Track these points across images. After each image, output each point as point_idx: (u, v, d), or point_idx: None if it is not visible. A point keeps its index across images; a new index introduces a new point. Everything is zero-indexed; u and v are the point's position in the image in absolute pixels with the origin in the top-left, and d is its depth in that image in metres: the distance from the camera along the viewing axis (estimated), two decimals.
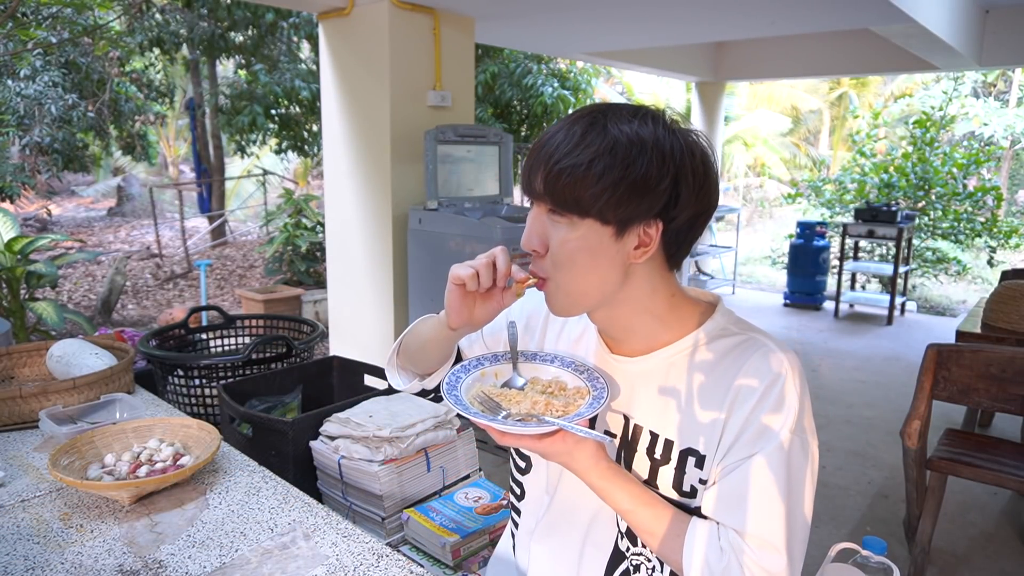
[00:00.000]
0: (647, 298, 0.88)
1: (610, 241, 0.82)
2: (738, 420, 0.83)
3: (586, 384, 0.92)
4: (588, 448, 0.84)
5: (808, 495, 0.84)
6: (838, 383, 4.68)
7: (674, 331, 0.90)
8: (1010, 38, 5.43)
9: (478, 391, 0.91)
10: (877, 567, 0.97)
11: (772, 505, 0.81)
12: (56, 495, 1.22)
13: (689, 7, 3.97)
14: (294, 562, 1.02)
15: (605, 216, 0.80)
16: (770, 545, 0.80)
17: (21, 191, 5.46)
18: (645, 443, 0.91)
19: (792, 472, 0.82)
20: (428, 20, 3.46)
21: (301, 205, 6.96)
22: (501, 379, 0.94)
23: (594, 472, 0.85)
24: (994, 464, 2.36)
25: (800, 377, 0.85)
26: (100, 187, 14.34)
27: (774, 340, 0.88)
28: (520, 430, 0.82)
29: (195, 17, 6.81)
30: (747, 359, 0.85)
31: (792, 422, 0.82)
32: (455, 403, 0.85)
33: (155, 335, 2.28)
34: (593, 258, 0.83)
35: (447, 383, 0.89)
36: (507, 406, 0.88)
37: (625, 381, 0.93)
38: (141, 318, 6.34)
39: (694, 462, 0.86)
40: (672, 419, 0.88)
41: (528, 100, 6.95)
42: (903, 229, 6.09)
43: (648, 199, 0.80)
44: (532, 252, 0.86)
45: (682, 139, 0.82)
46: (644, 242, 0.83)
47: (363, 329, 3.75)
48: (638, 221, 0.82)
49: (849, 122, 13.48)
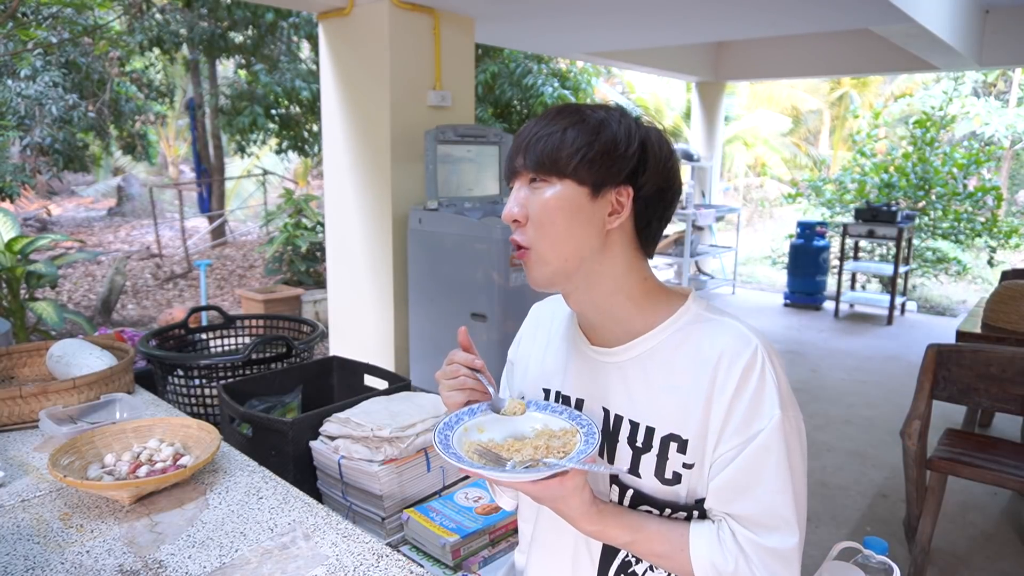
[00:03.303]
0: (621, 276, 0.91)
1: (587, 201, 0.87)
2: (722, 405, 0.85)
3: (570, 423, 0.92)
4: (583, 495, 0.86)
5: (804, 467, 0.87)
6: (838, 383, 4.68)
7: (649, 318, 0.92)
8: (1010, 38, 5.44)
9: (470, 445, 0.91)
10: (878, 567, 0.97)
11: (778, 485, 0.83)
12: (56, 495, 1.21)
13: (689, 7, 3.96)
14: (294, 562, 1.02)
15: (581, 176, 0.86)
16: (783, 523, 0.83)
17: (21, 191, 5.45)
18: (626, 432, 0.92)
19: (789, 448, 0.84)
20: (428, 20, 3.46)
21: (301, 205, 6.96)
22: (485, 433, 0.95)
23: (586, 519, 0.87)
24: (994, 464, 2.36)
25: (775, 356, 0.88)
26: (100, 187, 14.33)
27: (747, 324, 0.90)
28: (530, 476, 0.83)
29: (195, 17, 6.81)
30: (723, 343, 0.87)
31: (779, 399, 0.84)
32: (457, 461, 0.85)
33: (155, 335, 2.27)
34: (571, 218, 0.87)
35: (440, 443, 0.88)
36: (508, 455, 0.89)
37: (603, 372, 0.95)
38: (141, 318, 6.34)
39: (676, 447, 0.88)
40: (652, 406, 0.90)
41: (528, 100, 6.94)
42: (903, 229, 6.09)
43: (618, 163, 0.87)
44: (513, 223, 0.91)
45: (645, 126, 0.91)
46: (616, 209, 0.88)
47: (363, 329, 3.75)
48: (611, 184, 0.87)
49: (849, 122, 13.48)
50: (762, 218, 13.31)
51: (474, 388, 0.96)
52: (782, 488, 0.83)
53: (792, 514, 0.83)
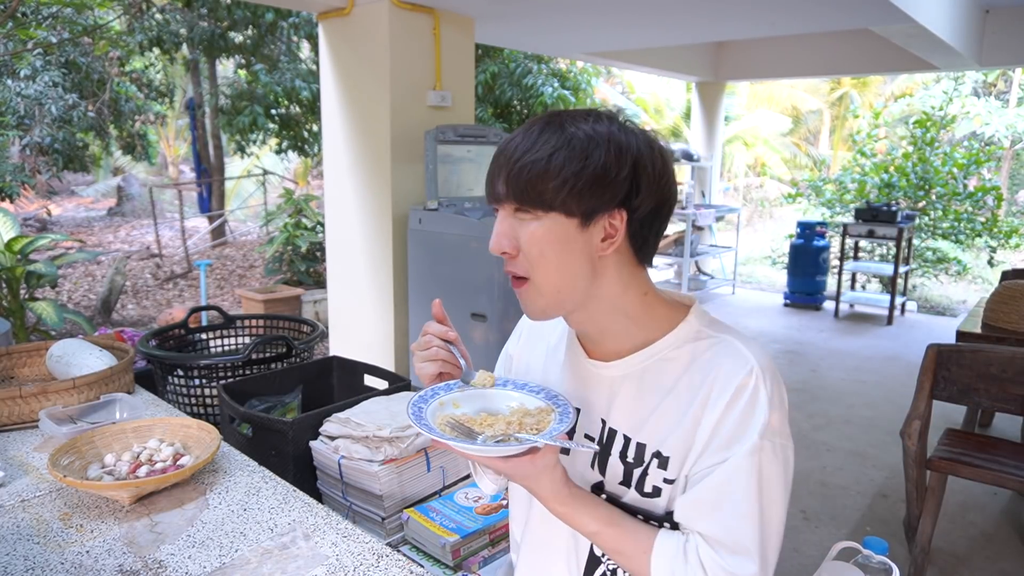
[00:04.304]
0: (619, 296, 0.88)
1: (576, 232, 0.83)
2: (709, 424, 0.83)
3: (546, 402, 0.92)
4: (554, 474, 0.84)
5: (782, 499, 0.84)
6: (838, 383, 4.68)
7: (648, 333, 0.90)
8: (1010, 38, 5.44)
9: (443, 418, 0.90)
10: (878, 567, 0.97)
11: (745, 510, 0.81)
12: (56, 495, 1.21)
13: (689, 7, 3.97)
14: (294, 562, 1.02)
15: (569, 208, 0.82)
16: (743, 549, 0.81)
17: (21, 191, 5.46)
18: (619, 447, 0.91)
19: (764, 476, 0.82)
20: (428, 20, 3.46)
21: (301, 205, 6.96)
22: (460, 409, 0.93)
23: (556, 499, 0.86)
24: (994, 464, 2.36)
25: (773, 380, 0.85)
26: (100, 187, 14.34)
27: (748, 342, 0.87)
28: (500, 451, 0.81)
29: (195, 17, 6.81)
30: (719, 363, 0.85)
31: (763, 426, 0.82)
32: (429, 431, 0.83)
33: (155, 335, 2.27)
34: (562, 251, 0.83)
35: (412, 414, 0.87)
36: (480, 429, 0.87)
37: (602, 386, 0.93)
38: (141, 318, 6.34)
39: (658, 463, 0.87)
40: (645, 423, 0.89)
41: (528, 100, 6.94)
42: (903, 229, 6.09)
43: (609, 189, 0.81)
44: (503, 255, 0.87)
45: (637, 135, 0.84)
46: (610, 233, 0.84)
47: (363, 329, 3.75)
48: (602, 211, 0.83)
49: (849, 122, 13.47)
50: (762, 218, 13.30)
51: (446, 360, 0.94)
52: (747, 513, 0.81)
53: (753, 543, 0.81)
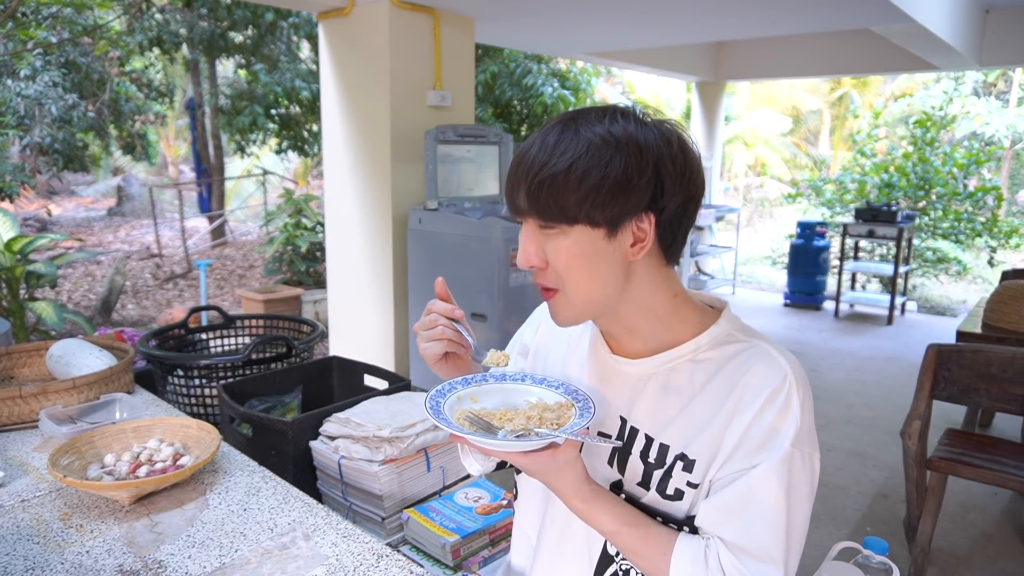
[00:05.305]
0: (648, 297, 0.87)
1: (604, 243, 0.81)
2: (739, 428, 0.82)
3: (565, 397, 0.90)
4: (575, 469, 0.83)
5: (806, 510, 0.83)
6: (838, 383, 4.68)
7: (676, 334, 0.89)
8: (1010, 38, 5.44)
9: (461, 412, 0.88)
10: (878, 567, 0.97)
11: (771, 518, 0.80)
12: (56, 495, 1.21)
13: (689, 7, 3.97)
14: (294, 562, 1.02)
15: (594, 219, 0.80)
16: (768, 557, 0.80)
17: (21, 191, 5.45)
18: (640, 446, 0.90)
19: (792, 485, 0.81)
20: (428, 20, 3.46)
21: (301, 205, 6.96)
22: (479, 403, 0.92)
23: (576, 495, 0.84)
24: (994, 464, 2.36)
25: (804, 389, 0.83)
26: (100, 187, 14.33)
27: (780, 349, 0.86)
28: (521, 446, 0.80)
29: (195, 17, 6.81)
30: (751, 367, 0.84)
31: (794, 434, 0.81)
32: (448, 426, 0.82)
33: (155, 335, 2.27)
34: (591, 262, 0.82)
35: (431, 408, 0.86)
36: (499, 424, 0.86)
37: (626, 383, 0.92)
38: (141, 318, 6.34)
39: (683, 466, 0.86)
40: (670, 424, 0.87)
41: (528, 100, 6.94)
42: (903, 229, 6.09)
43: (633, 195, 0.79)
44: (531, 268, 0.86)
45: (655, 130, 0.81)
46: (639, 237, 0.82)
47: (363, 329, 3.75)
48: (628, 217, 0.81)
49: (849, 122, 13.47)
50: (762, 218, 13.31)
51: (452, 339, 0.92)
52: (774, 522, 0.80)
53: (779, 552, 0.80)
